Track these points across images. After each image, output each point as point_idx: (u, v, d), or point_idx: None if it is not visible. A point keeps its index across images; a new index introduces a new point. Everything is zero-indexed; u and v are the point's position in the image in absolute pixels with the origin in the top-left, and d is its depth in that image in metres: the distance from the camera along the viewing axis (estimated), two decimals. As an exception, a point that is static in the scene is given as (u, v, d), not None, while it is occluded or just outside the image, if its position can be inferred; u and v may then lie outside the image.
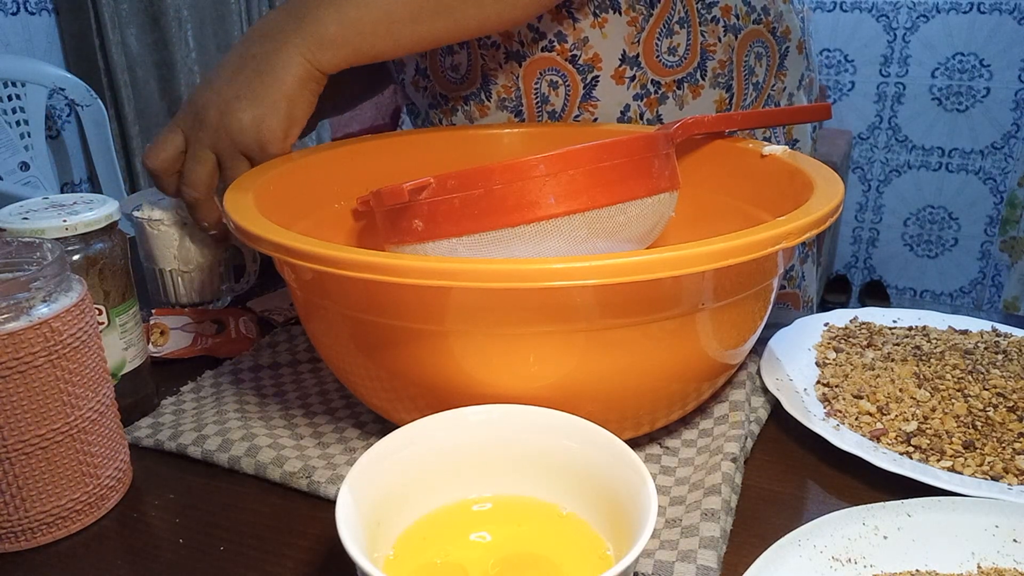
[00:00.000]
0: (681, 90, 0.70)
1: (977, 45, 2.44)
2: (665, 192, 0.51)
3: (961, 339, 0.58)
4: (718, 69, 0.71)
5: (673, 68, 0.69)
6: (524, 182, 0.47)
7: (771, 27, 0.73)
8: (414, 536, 0.37)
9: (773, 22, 0.73)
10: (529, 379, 0.42)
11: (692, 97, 0.71)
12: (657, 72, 0.69)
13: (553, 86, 0.70)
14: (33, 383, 0.40)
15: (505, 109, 0.73)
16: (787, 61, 0.76)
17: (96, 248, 0.50)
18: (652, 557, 0.39)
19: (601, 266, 0.36)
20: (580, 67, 0.69)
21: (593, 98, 0.70)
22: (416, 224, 0.49)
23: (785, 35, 0.74)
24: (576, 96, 0.70)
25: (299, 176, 0.58)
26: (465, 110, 0.75)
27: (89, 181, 2.06)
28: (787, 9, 0.75)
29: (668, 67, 0.69)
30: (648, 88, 0.70)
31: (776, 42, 0.74)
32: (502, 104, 0.73)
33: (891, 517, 0.40)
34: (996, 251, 2.62)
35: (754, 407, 0.52)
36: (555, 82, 0.70)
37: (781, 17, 0.74)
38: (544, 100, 0.71)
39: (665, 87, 0.70)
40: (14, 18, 1.87)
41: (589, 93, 0.70)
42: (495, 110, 0.73)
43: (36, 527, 0.42)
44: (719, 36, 0.70)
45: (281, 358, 0.60)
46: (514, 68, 0.71)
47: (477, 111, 0.74)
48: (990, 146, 2.52)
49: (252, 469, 0.47)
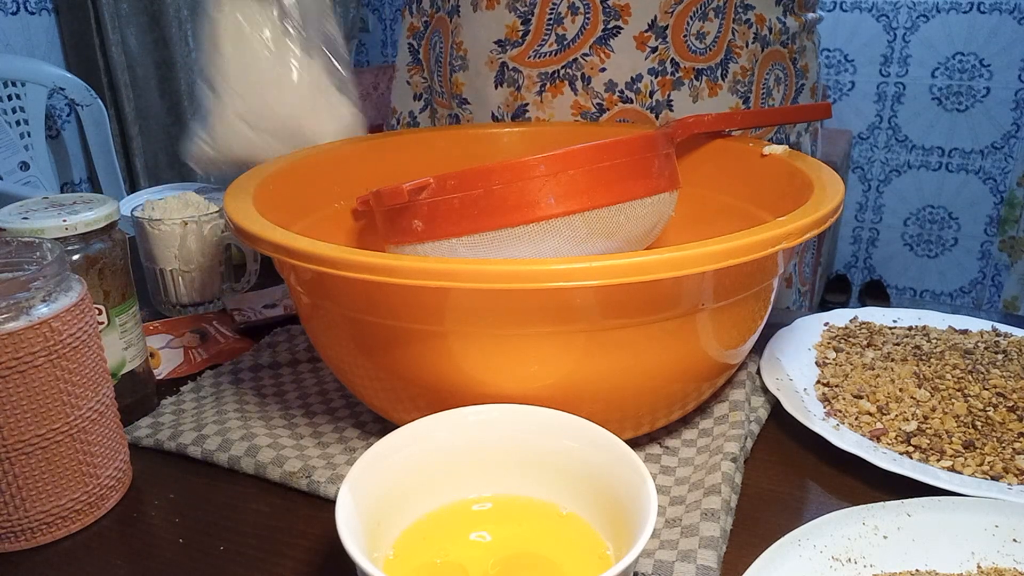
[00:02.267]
0: (699, 81, 0.69)
1: (977, 45, 2.43)
2: (665, 192, 0.51)
3: (961, 339, 0.58)
4: (739, 75, 0.70)
5: (697, 55, 0.68)
6: (524, 182, 0.47)
7: (793, 56, 0.73)
8: (414, 536, 0.37)
9: (796, 52, 0.73)
10: (529, 379, 0.42)
11: (708, 94, 0.70)
12: (680, 53, 0.68)
13: (573, 10, 0.67)
14: (33, 383, 0.40)
15: (514, 11, 0.69)
16: (800, 98, 0.76)
17: (96, 248, 0.50)
18: (652, 557, 0.39)
19: (601, 267, 0.36)
20: (607, 7, 0.67)
21: (608, 46, 0.68)
22: (416, 224, 0.49)
23: (804, 71, 0.75)
24: (592, 34, 0.68)
25: (299, 176, 0.58)
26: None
27: (89, 181, 2.06)
28: (810, 47, 0.75)
29: (693, 52, 0.68)
30: (667, 66, 0.68)
31: (796, 74, 0.74)
32: (513, 4, 0.69)
33: (891, 517, 0.40)
34: (996, 251, 2.62)
35: (754, 407, 0.52)
36: (576, 7, 0.67)
37: (804, 51, 0.74)
38: (558, 20, 0.68)
39: (684, 72, 0.69)
40: (14, 18, 1.87)
41: (606, 40, 0.68)
42: (503, 7, 0.70)
43: (36, 527, 0.42)
44: (747, 41, 0.69)
45: (281, 358, 0.60)
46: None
47: (485, 0, 0.70)
48: (990, 146, 2.52)
49: (252, 469, 0.47)
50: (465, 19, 0.73)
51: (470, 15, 0.72)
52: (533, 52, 0.70)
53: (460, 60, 0.75)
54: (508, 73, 0.72)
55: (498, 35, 0.71)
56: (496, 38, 0.71)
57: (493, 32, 0.71)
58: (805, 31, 0.74)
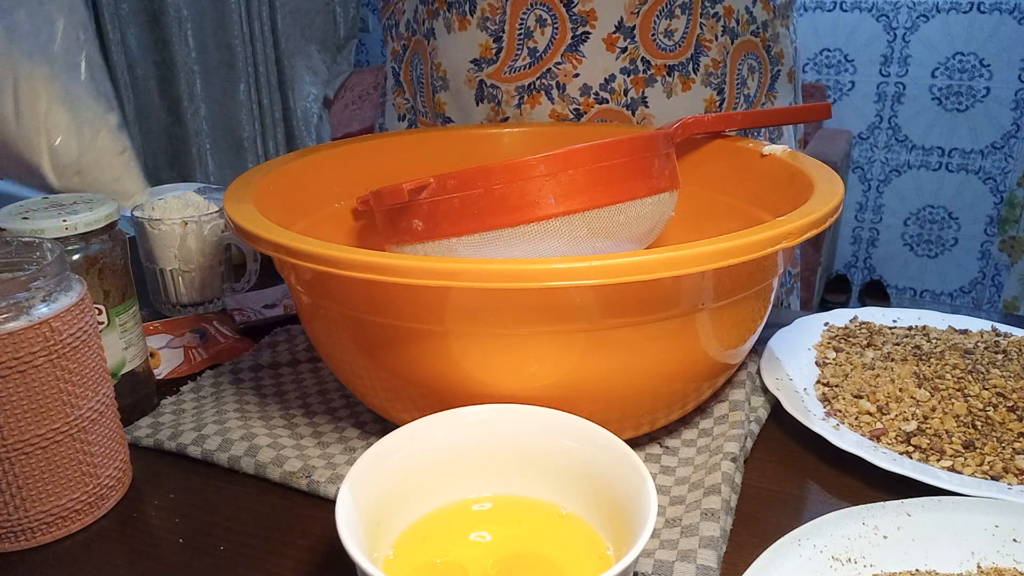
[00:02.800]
0: (671, 77, 0.70)
1: (977, 45, 2.43)
2: (665, 192, 0.51)
3: (961, 339, 0.58)
4: (711, 67, 0.70)
5: (666, 52, 0.69)
6: (524, 182, 0.47)
7: (767, 44, 0.73)
8: (414, 536, 0.37)
9: (769, 40, 0.73)
10: (529, 379, 0.42)
11: (682, 88, 0.70)
12: (650, 51, 0.69)
13: (541, 23, 0.69)
14: (33, 383, 0.40)
15: (486, 31, 0.71)
16: (777, 84, 0.76)
17: (96, 248, 0.50)
18: (652, 557, 0.39)
19: (601, 266, 0.36)
20: (573, 15, 0.68)
21: (579, 52, 0.69)
22: (416, 224, 0.49)
23: (778, 57, 0.75)
24: (562, 43, 0.69)
25: (299, 176, 0.58)
26: (446, 17, 0.72)
27: (89, 181, 2.06)
28: (784, 33, 0.75)
29: (662, 49, 0.69)
30: (638, 65, 0.69)
31: (770, 61, 0.74)
32: (484, 24, 0.70)
33: (891, 517, 0.40)
34: (996, 251, 2.62)
35: (754, 407, 0.52)
36: (543, 19, 0.69)
37: (778, 38, 0.74)
38: (528, 34, 0.69)
39: (655, 70, 0.70)
40: (14, 18, 1.86)
41: (576, 46, 0.69)
42: (475, 27, 0.71)
43: (36, 527, 0.42)
44: (716, 34, 0.70)
45: (281, 358, 0.60)
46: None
47: (457, 22, 0.72)
48: (990, 146, 2.52)
49: (252, 469, 0.47)
50: (441, 41, 0.74)
51: (445, 37, 0.74)
52: (507, 68, 0.71)
53: (441, 81, 0.76)
54: (487, 90, 0.73)
55: (473, 54, 0.72)
56: (471, 57, 0.72)
57: (468, 52, 0.72)
58: (778, 17, 0.74)
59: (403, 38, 0.82)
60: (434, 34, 0.75)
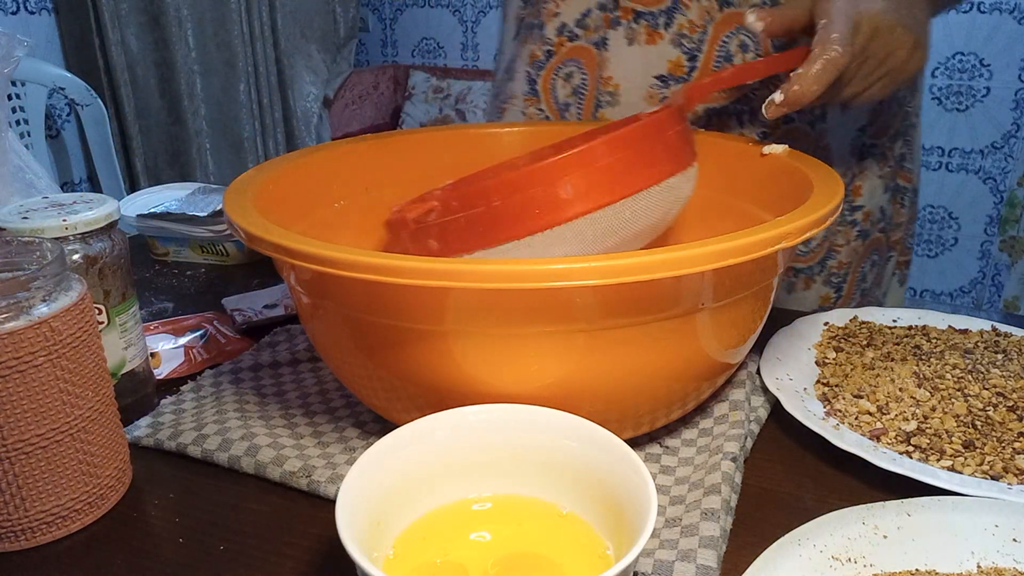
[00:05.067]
0: (637, 24, 0.67)
1: (977, 45, 2.43)
2: (672, 176, 0.50)
3: (961, 339, 0.58)
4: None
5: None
6: (521, 194, 0.47)
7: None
8: (414, 536, 0.37)
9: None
10: (529, 379, 0.42)
11: (645, 40, 0.67)
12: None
13: (743, 48, 0.66)
14: (33, 383, 0.40)
15: (679, 47, 0.67)
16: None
17: (96, 247, 0.50)
18: (652, 556, 0.39)
19: (601, 266, 0.36)
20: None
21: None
22: (432, 244, 0.49)
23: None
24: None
25: (299, 176, 0.58)
26: (630, 28, 0.68)
27: (89, 180, 2.06)
28: None
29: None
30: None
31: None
32: (679, 40, 0.67)
33: (891, 517, 0.40)
34: (996, 251, 2.62)
35: (754, 406, 0.52)
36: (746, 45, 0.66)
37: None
38: (728, 58, 0.67)
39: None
40: (14, 17, 1.87)
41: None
42: (667, 43, 0.68)
43: (36, 527, 0.42)
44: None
45: (281, 358, 0.60)
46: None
47: (645, 35, 0.68)
48: (990, 146, 2.52)
49: (252, 469, 0.47)
50: (615, 52, 0.70)
51: (624, 49, 0.69)
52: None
53: (609, 96, 0.72)
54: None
55: (660, 70, 0.69)
56: (657, 73, 0.69)
57: (654, 67, 0.69)
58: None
59: (550, 42, 0.74)
60: (606, 45, 0.70)
